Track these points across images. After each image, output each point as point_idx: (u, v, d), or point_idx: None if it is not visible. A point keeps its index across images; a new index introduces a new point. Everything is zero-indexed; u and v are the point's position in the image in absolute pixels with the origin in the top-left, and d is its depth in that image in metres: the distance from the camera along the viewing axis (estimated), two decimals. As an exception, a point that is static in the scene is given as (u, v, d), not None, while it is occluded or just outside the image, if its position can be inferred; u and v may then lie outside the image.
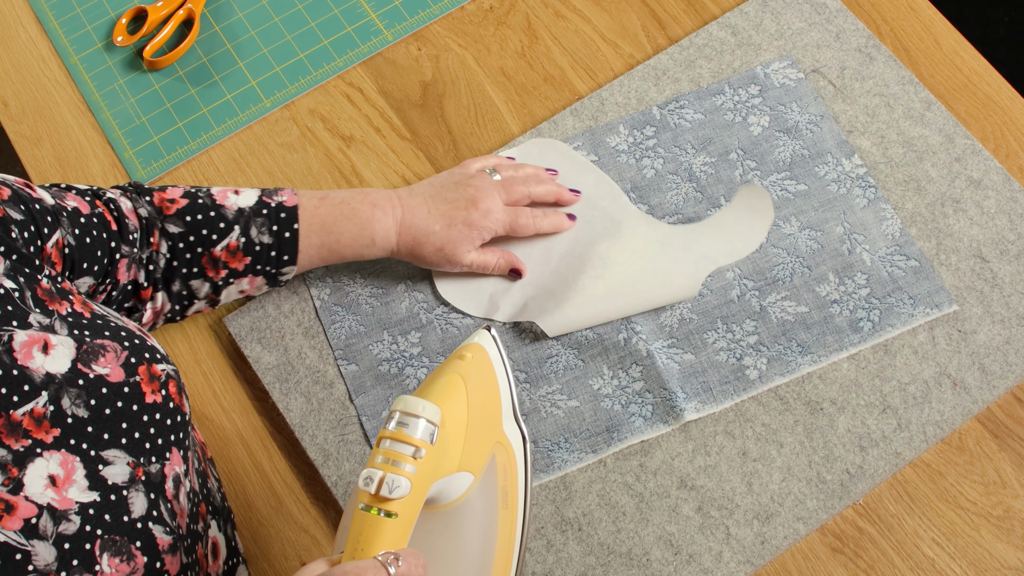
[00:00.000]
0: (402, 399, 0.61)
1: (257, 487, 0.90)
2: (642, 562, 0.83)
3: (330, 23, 1.08)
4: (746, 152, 0.97)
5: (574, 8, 1.06)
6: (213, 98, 1.05)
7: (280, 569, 0.87)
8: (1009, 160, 0.96)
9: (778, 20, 1.02)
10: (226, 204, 0.85)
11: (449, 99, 1.03)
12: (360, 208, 0.87)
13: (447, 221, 0.87)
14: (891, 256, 0.92)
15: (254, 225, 0.85)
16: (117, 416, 0.67)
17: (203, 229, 0.84)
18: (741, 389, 0.88)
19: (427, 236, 0.87)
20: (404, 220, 0.87)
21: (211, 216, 0.85)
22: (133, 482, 0.67)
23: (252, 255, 0.86)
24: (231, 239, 0.85)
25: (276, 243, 0.86)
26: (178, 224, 0.84)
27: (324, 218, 0.86)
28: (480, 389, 0.67)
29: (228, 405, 0.93)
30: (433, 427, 0.60)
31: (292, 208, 0.86)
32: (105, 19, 1.10)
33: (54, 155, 1.04)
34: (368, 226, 0.86)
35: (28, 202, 0.74)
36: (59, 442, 0.64)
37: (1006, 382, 0.87)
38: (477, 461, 0.66)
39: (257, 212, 0.85)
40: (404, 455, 0.59)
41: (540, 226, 0.92)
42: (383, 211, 0.87)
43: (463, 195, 0.88)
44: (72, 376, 0.66)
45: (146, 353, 0.71)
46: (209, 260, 0.85)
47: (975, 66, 1.00)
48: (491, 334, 0.70)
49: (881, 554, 0.83)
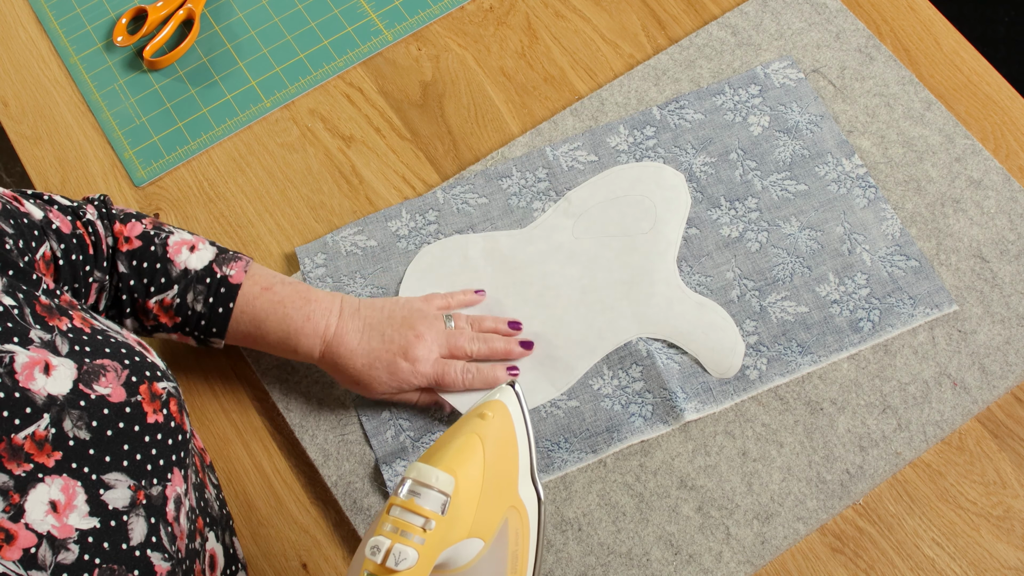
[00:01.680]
0: (415, 467, 0.60)
1: (257, 487, 0.90)
2: (642, 562, 0.83)
3: (330, 23, 1.08)
4: (746, 152, 0.97)
5: (574, 8, 1.06)
6: (213, 98, 1.05)
7: (280, 569, 0.87)
8: (1009, 160, 0.96)
9: (778, 20, 1.02)
10: (175, 260, 0.85)
11: (449, 99, 1.03)
12: (293, 316, 0.85)
13: (370, 360, 0.85)
14: (891, 256, 0.92)
15: (193, 291, 0.85)
16: (119, 437, 0.67)
17: (144, 278, 0.84)
18: (741, 389, 0.88)
19: (345, 366, 0.86)
20: (331, 342, 0.85)
21: (156, 268, 0.84)
22: (134, 506, 0.66)
23: (183, 317, 0.85)
24: (166, 296, 0.85)
25: (208, 314, 0.85)
26: (125, 264, 0.84)
27: (257, 312, 0.85)
28: (498, 452, 0.65)
29: (228, 405, 0.93)
30: (445, 498, 0.60)
31: (234, 286, 0.85)
32: (105, 19, 1.10)
33: (54, 155, 1.04)
34: (294, 337, 0.85)
35: (17, 216, 0.74)
36: (60, 466, 0.64)
37: (1006, 382, 0.87)
38: (489, 527, 0.64)
39: (200, 279, 0.85)
40: (414, 526, 0.58)
41: (470, 384, 0.87)
42: (313, 326, 0.85)
43: (400, 338, 0.86)
44: (73, 397, 0.65)
45: (147, 371, 0.70)
46: (141, 308, 0.85)
47: (975, 66, 1.00)
48: (515, 390, 0.68)
49: (881, 554, 0.83)
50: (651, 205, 0.95)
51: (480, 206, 0.97)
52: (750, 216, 0.94)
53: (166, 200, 1.01)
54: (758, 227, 0.94)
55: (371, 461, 0.88)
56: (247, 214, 1.00)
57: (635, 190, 0.96)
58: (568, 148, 0.98)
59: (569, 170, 0.97)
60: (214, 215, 1.00)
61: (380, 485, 0.87)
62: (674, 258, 0.93)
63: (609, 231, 0.94)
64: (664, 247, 0.93)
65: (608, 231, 0.94)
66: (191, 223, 1.00)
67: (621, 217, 0.94)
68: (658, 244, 0.93)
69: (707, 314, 0.90)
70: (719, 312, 0.90)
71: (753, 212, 0.94)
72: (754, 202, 0.95)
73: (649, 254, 0.93)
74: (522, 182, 0.97)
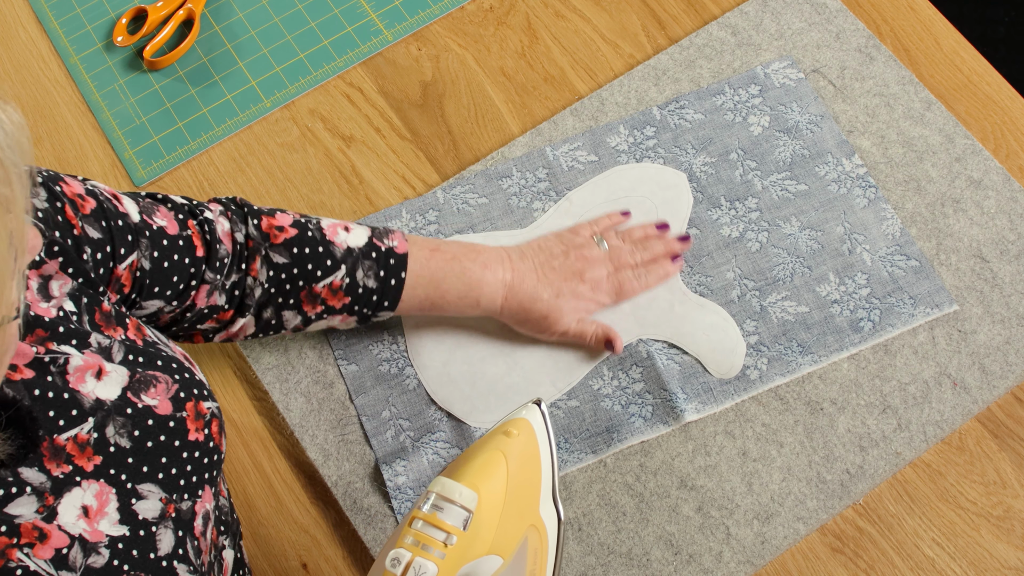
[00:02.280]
0: (439, 481, 0.60)
1: (257, 487, 0.90)
2: (642, 562, 0.83)
3: (330, 23, 1.08)
4: (746, 152, 0.97)
5: (574, 8, 1.06)
6: (213, 98, 1.05)
7: (280, 569, 0.87)
8: (1009, 160, 0.96)
9: (778, 20, 1.02)
10: (335, 241, 0.83)
11: (449, 99, 1.03)
12: (471, 268, 0.85)
13: (555, 291, 0.87)
14: (891, 256, 0.92)
15: (361, 267, 0.83)
16: (158, 450, 0.67)
17: (309, 264, 0.82)
18: (741, 389, 0.88)
19: (533, 303, 0.86)
20: (513, 284, 0.86)
21: (319, 252, 0.82)
22: (163, 519, 0.66)
23: (353, 296, 0.84)
24: (335, 278, 0.83)
25: (380, 288, 0.84)
26: (284, 255, 0.81)
27: (434, 272, 0.85)
28: (521, 470, 0.64)
29: (228, 405, 0.93)
30: (468, 514, 0.60)
31: (402, 255, 0.84)
32: (105, 19, 1.10)
33: (54, 155, 1.04)
34: (476, 287, 0.85)
35: (111, 217, 0.72)
36: (99, 471, 0.64)
37: (1006, 382, 0.87)
38: (509, 545, 0.64)
39: (366, 254, 0.83)
40: (435, 540, 0.58)
41: (647, 284, 0.91)
42: (493, 273, 0.86)
43: (571, 266, 0.88)
44: (121, 404, 0.65)
45: (194, 389, 0.70)
46: (308, 295, 0.83)
47: (975, 66, 1.00)
48: (541, 408, 0.68)
49: (881, 554, 0.83)
50: (652, 207, 0.95)
51: (480, 206, 0.97)
52: (750, 216, 0.94)
53: (166, 200, 1.01)
54: (758, 227, 0.94)
55: (371, 461, 0.88)
56: (247, 214, 1.00)
57: (636, 191, 0.96)
58: (568, 148, 0.98)
59: (569, 170, 0.97)
60: (214, 215, 1.00)
61: (380, 485, 0.87)
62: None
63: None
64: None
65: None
66: (191, 223, 1.00)
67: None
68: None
69: (708, 315, 0.90)
70: (720, 312, 0.90)
71: (753, 212, 0.94)
72: (754, 202, 0.95)
73: None
74: (522, 182, 0.97)
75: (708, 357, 0.89)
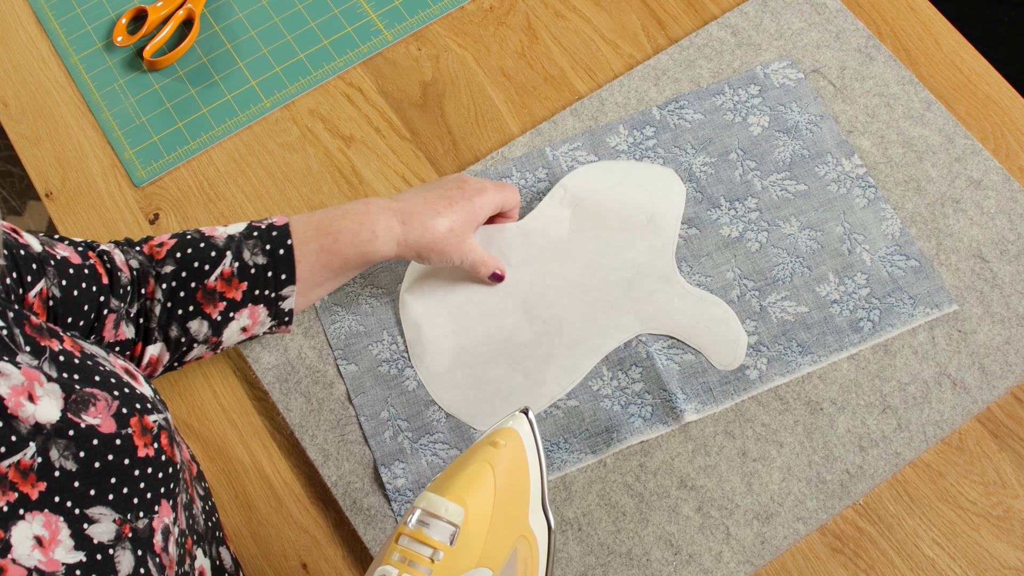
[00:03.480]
0: (425, 496, 0.60)
1: (257, 487, 0.90)
2: (642, 562, 0.83)
3: (330, 23, 1.08)
4: (746, 152, 0.97)
5: (574, 8, 1.06)
6: (213, 98, 1.05)
7: (280, 569, 0.87)
8: (1009, 160, 0.96)
9: (778, 20, 1.02)
10: (215, 235, 0.83)
11: (449, 99, 1.03)
12: (354, 207, 0.85)
13: (447, 202, 0.86)
14: (891, 256, 0.92)
15: (246, 248, 0.82)
16: (106, 470, 0.65)
17: (195, 261, 0.82)
18: (741, 389, 0.88)
19: (435, 219, 0.85)
20: (405, 211, 0.85)
21: (201, 247, 0.82)
22: (120, 540, 0.64)
23: (248, 279, 0.83)
24: (224, 266, 0.82)
25: (271, 262, 0.83)
26: (170, 263, 0.81)
27: (319, 222, 0.84)
28: (509, 480, 0.64)
29: (228, 405, 0.93)
30: (454, 528, 0.59)
31: (283, 226, 0.83)
32: (105, 19, 1.10)
33: (54, 155, 1.04)
34: (366, 220, 0.84)
35: (12, 247, 0.71)
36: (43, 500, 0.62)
37: (1006, 382, 0.87)
38: (498, 557, 0.64)
39: (247, 235, 0.83)
40: (421, 556, 0.58)
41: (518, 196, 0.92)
42: (379, 206, 0.85)
43: (447, 182, 0.88)
44: (62, 426, 0.64)
45: (137, 403, 0.68)
46: (205, 294, 0.82)
47: (975, 66, 1.00)
48: (528, 418, 0.67)
49: (881, 554, 0.83)
50: (647, 195, 0.95)
51: (480, 206, 0.97)
52: (750, 216, 0.94)
53: (166, 200, 1.01)
54: (758, 227, 0.94)
55: (371, 461, 0.88)
56: (247, 214, 1.00)
57: (630, 179, 0.95)
58: (568, 148, 0.98)
59: (569, 170, 0.97)
60: (214, 215, 1.00)
61: (380, 486, 0.87)
62: (672, 253, 0.93)
63: (608, 223, 0.94)
64: (662, 243, 0.93)
65: (607, 223, 0.94)
66: (191, 223, 1.00)
67: (619, 207, 0.94)
68: (656, 240, 0.93)
69: (708, 308, 0.90)
70: (720, 305, 0.90)
71: (753, 212, 0.94)
72: (754, 202, 0.95)
73: (647, 250, 0.93)
74: (522, 182, 0.97)
75: (711, 349, 0.89)
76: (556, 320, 0.91)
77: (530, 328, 0.91)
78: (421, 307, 0.92)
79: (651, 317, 0.90)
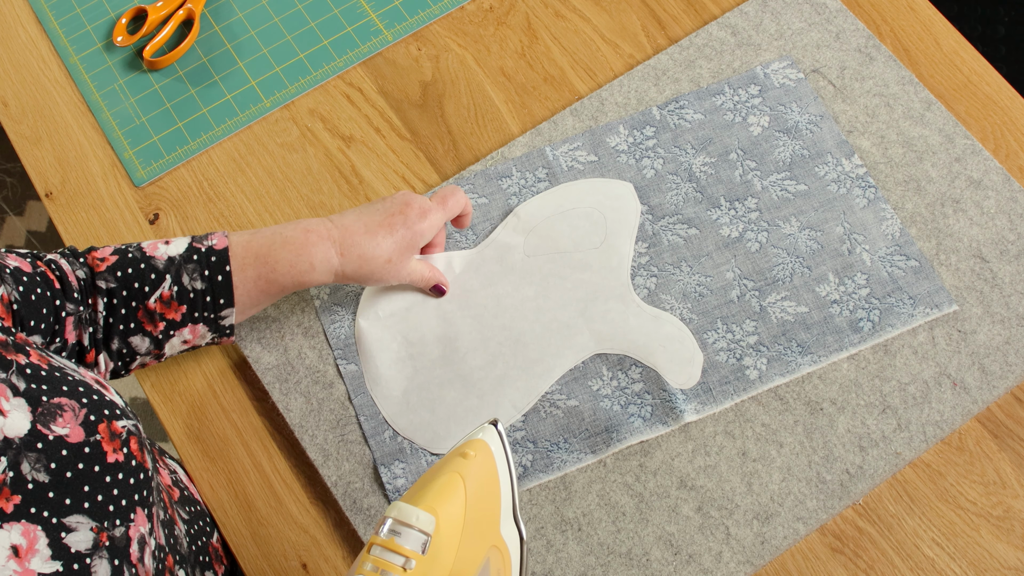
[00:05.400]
0: (396, 506, 0.60)
1: (257, 487, 0.90)
2: (642, 562, 0.84)
3: (330, 23, 1.08)
4: (746, 152, 0.97)
5: (574, 8, 1.06)
6: (213, 98, 1.05)
7: (280, 569, 0.87)
8: (1009, 160, 0.96)
9: (778, 20, 1.02)
10: (156, 255, 0.84)
11: (449, 99, 1.03)
12: (294, 235, 0.85)
13: (388, 230, 0.86)
14: (891, 256, 0.92)
15: (185, 272, 0.83)
16: (79, 479, 0.65)
17: (135, 282, 0.83)
18: (741, 389, 0.88)
19: (375, 249, 0.85)
20: (344, 241, 0.85)
21: (142, 268, 0.83)
22: (97, 549, 0.64)
23: (187, 303, 0.84)
24: (163, 289, 0.83)
25: (209, 287, 0.84)
26: (110, 280, 0.82)
27: (257, 250, 0.84)
28: (480, 490, 0.65)
29: (228, 405, 0.93)
30: (426, 537, 0.60)
31: (222, 251, 0.84)
32: (105, 19, 1.10)
33: (54, 155, 1.04)
34: (304, 251, 0.84)
35: None
36: (20, 511, 0.62)
37: (1006, 382, 0.87)
38: (470, 566, 0.64)
39: (187, 259, 0.84)
40: (393, 565, 0.59)
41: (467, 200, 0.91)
42: (318, 235, 0.85)
43: (391, 205, 0.87)
44: (31, 439, 0.64)
45: (105, 409, 0.68)
46: (145, 313, 0.83)
47: (975, 66, 1.00)
48: (497, 429, 0.68)
49: (881, 554, 0.83)
50: (601, 217, 0.94)
51: (480, 206, 0.97)
52: (750, 216, 0.94)
53: (166, 200, 1.01)
54: (758, 227, 0.94)
55: (371, 461, 0.88)
56: (247, 214, 1.00)
57: (584, 202, 0.95)
58: (568, 148, 0.98)
59: (569, 170, 0.97)
60: (214, 215, 1.00)
61: (380, 485, 0.87)
62: (627, 271, 0.92)
63: (560, 246, 0.94)
64: (617, 262, 0.93)
65: (559, 246, 0.94)
66: (191, 223, 1.00)
67: (572, 231, 0.94)
68: (611, 259, 0.93)
69: (663, 326, 0.90)
70: (675, 323, 0.90)
71: (753, 212, 0.94)
72: (754, 202, 0.95)
73: (602, 270, 0.93)
74: (522, 182, 0.97)
75: (666, 368, 0.89)
76: (511, 342, 0.91)
77: (485, 350, 0.91)
78: (376, 331, 0.92)
79: (606, 336, 0.90)
